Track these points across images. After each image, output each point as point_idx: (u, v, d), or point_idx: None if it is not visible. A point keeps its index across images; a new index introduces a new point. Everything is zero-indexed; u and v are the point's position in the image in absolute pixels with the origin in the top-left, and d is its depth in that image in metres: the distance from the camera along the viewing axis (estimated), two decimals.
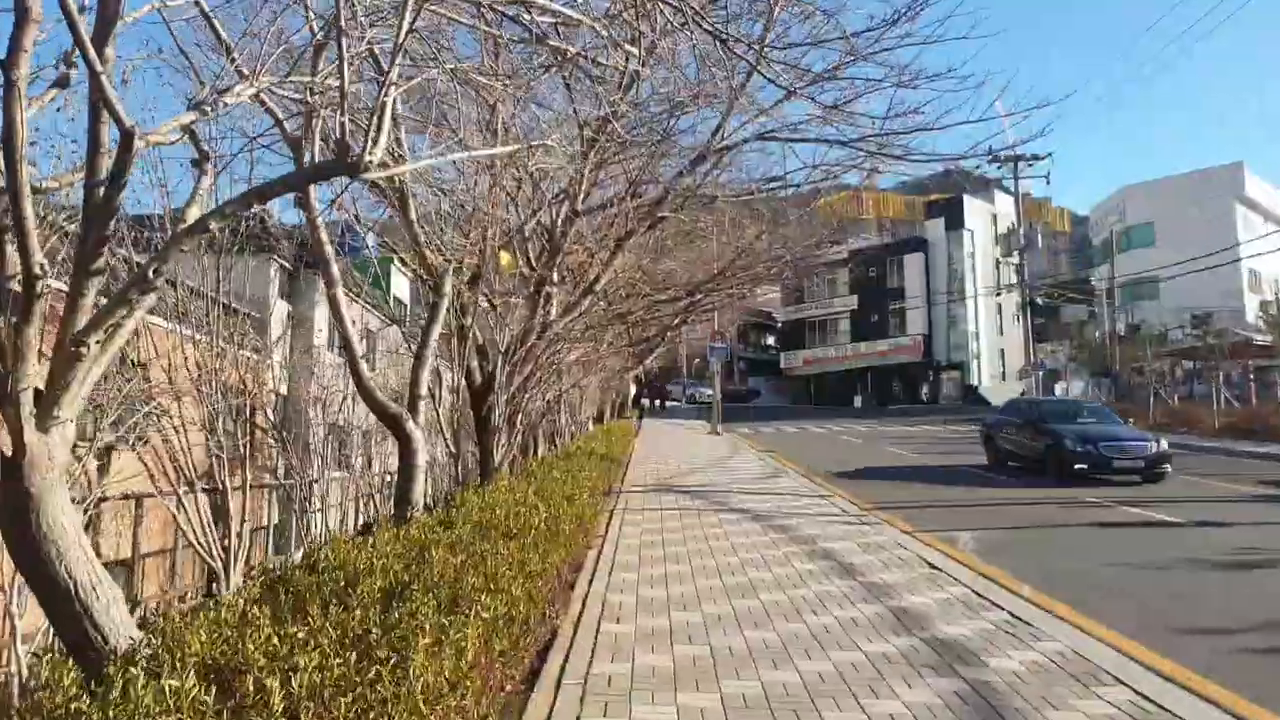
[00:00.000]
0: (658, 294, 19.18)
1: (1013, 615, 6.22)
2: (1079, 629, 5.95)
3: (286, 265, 22.65)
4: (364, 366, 7.20)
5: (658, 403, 61.28)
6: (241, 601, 3.57)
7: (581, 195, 9.99)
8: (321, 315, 23.22)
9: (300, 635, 2.89)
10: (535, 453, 14.97)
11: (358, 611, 3.28)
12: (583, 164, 10.13)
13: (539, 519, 6.04)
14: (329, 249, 6.85)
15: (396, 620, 3.10)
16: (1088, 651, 5.33)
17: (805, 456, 22.38)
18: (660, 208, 11.99)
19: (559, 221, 10.48)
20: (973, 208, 60.84)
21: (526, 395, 10.01)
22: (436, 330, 7.74)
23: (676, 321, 23.75)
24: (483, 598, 3.88)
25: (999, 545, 9.84)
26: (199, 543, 7.52)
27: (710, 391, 44.58)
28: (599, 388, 21.16)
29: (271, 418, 19.46)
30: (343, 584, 3.98)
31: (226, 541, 7.36)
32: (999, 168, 42.21)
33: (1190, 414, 30.74)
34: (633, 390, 50.44)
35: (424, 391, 7.59)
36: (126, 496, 8.13)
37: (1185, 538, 10.58)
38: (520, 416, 9.96)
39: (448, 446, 9.26)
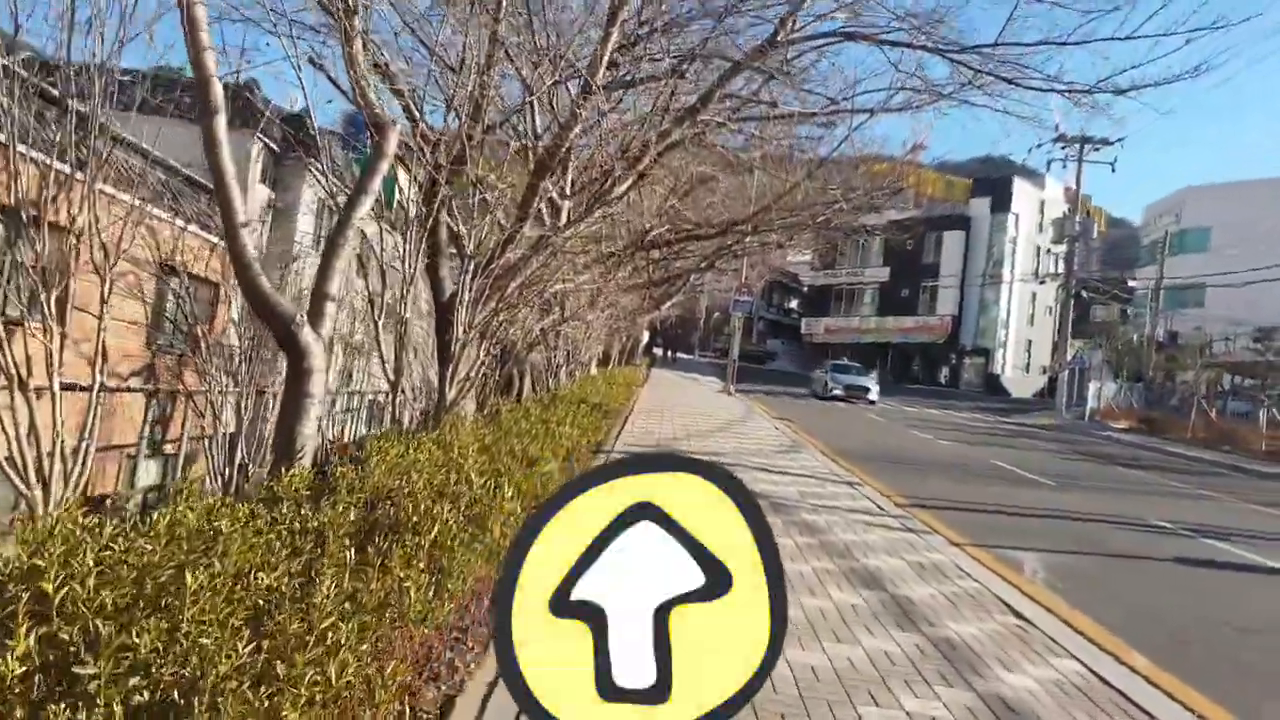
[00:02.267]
0: (689, 226, 16.89)
1: None
2: None
3: (272, 146, 20.34)
4: (247, 238, 4.97)
5: (669, 353, 59.21)
6: None
7: (604, 61, 7.62)
8: (307, 207, 21.00)
9: None
10: (518, 392, 12.86)
11: None
12: (608, 25, 7.80)
13: (461, 502, 3.88)
14: (209, 54, 4.60)
15: None
16: None
17: (823, 430, 20.25)
18: (705, 107, 9.63)
19: (572, 99, 8.18)
20: (1020, 191, 57.64)
21: (500, 319, 7.82)
22: (364, 204, 5.52)
23: (704, 264, 21.43)
24: None
25: (1078, 578, 7.71)
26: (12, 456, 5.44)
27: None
28: (606, 327, 18.97)
29: (236, 313, 17.39)
30: None
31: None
32: (1063, 148, 39.28)
33: (1234, 432, 28.32)
34: (645, 336, 48.29)
35: (333, 290, 5.40)
36: None
37: None
38: (487, 343, 7.78)
39: (385, 373, 7.11)
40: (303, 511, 3.22)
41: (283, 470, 4.53)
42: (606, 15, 7.87)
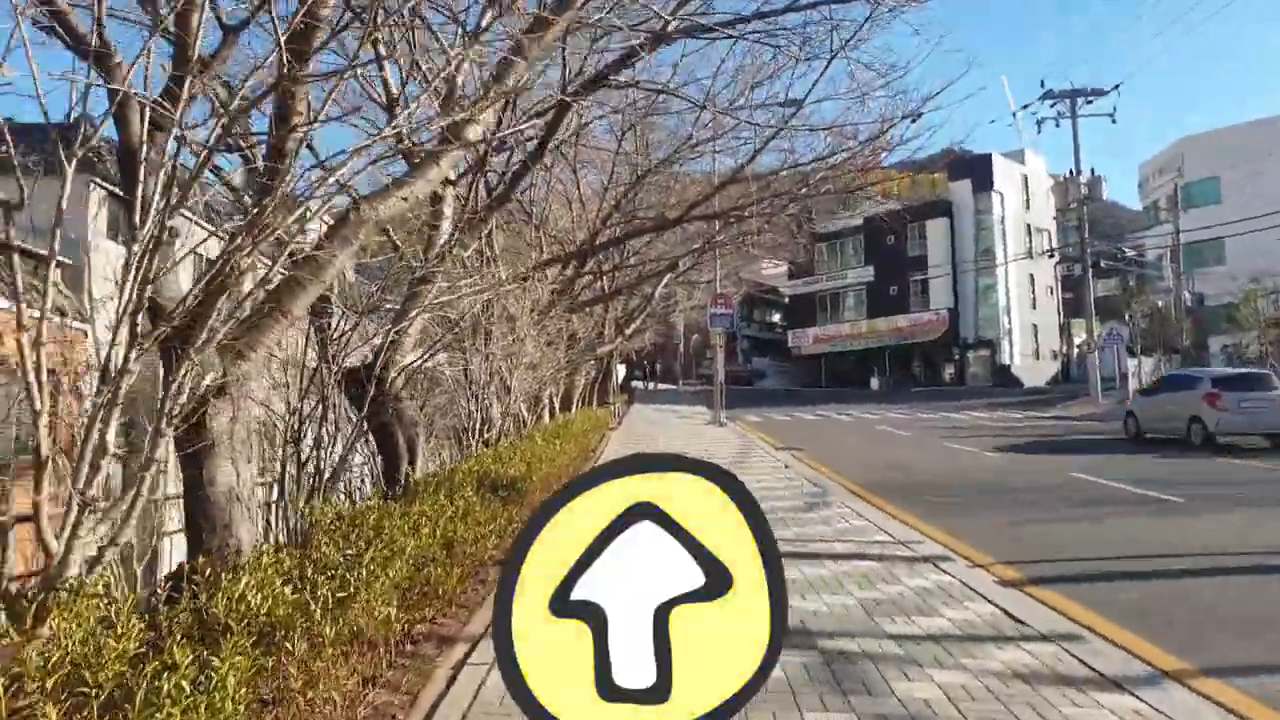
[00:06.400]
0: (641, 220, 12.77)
1: None
2: None
3: (116, 192, 16.05)
4: None
5: (649, 385, 54.95)
6: None
7: None
8: (181, 265, 16.62)
9: None
10: (411, 467, 8.51)
11: None
12: None
13: None
14: None
15: None
16: None
17: (845, 459, 15.94)
18: None
19: None
20: (1001, 167, 54.03)
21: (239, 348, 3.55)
22: None
23: (664, 267, 17.26)
24: None
25: None
26: None
27: None
28: (555, 363, 14.74)
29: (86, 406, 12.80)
30: None
31: None
32: (1053, 104, 35.61)
33: None
34: (621, 372, 44.00)
35: None
36: None
37: None
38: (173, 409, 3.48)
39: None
40: None
41: None
42: None
